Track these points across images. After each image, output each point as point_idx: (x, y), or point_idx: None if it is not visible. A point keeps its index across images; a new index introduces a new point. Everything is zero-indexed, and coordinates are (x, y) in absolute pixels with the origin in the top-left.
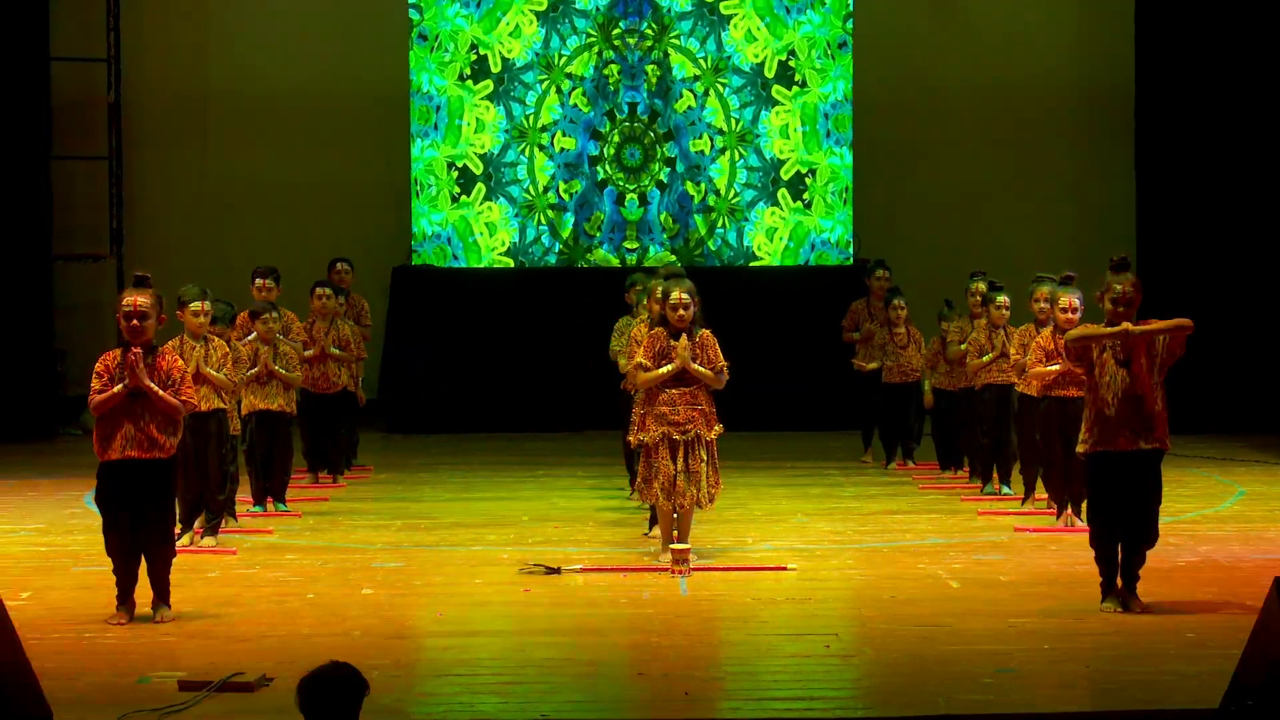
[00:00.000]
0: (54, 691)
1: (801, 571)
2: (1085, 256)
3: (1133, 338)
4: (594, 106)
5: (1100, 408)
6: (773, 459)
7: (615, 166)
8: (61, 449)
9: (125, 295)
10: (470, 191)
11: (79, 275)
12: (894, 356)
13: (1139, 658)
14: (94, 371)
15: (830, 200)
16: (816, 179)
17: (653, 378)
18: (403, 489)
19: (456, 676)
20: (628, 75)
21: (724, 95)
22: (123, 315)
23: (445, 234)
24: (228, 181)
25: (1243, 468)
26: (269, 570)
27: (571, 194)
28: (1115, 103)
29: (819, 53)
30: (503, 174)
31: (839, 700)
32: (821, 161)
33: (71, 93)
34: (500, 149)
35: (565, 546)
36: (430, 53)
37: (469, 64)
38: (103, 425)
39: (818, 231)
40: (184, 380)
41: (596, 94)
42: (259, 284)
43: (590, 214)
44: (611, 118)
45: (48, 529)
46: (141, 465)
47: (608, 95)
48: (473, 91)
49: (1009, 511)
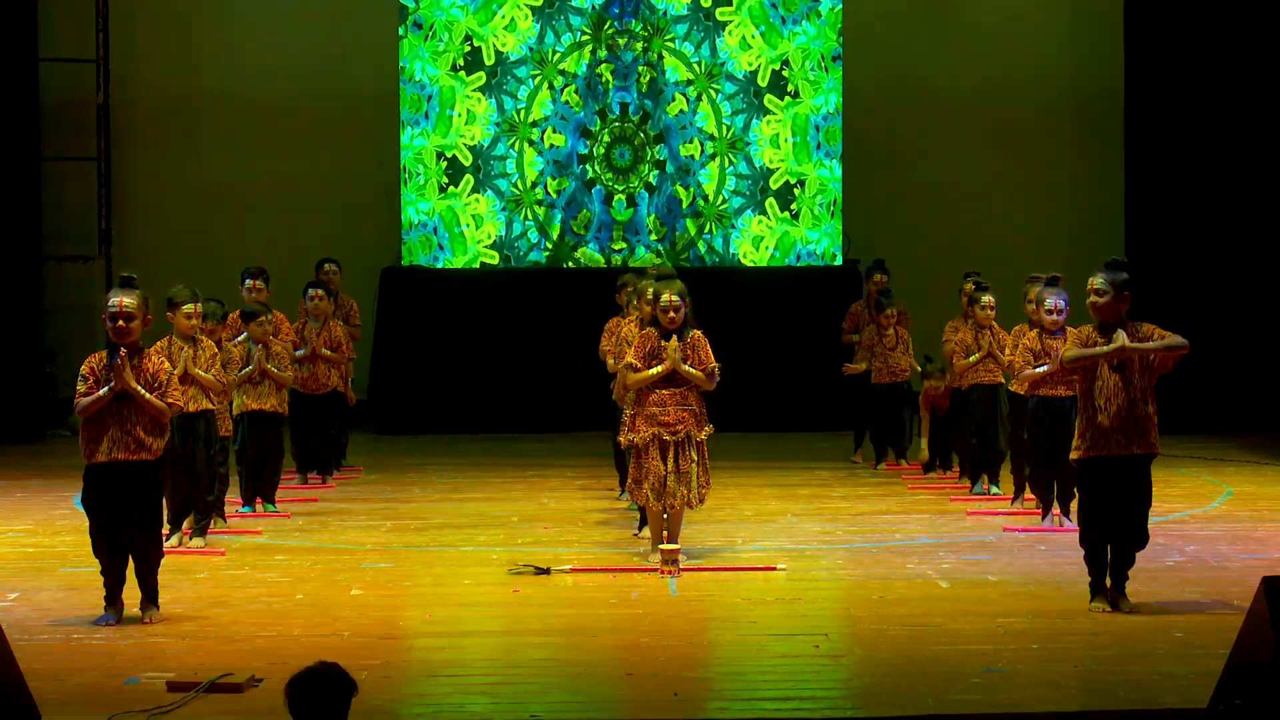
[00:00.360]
0: (42, 692)
1: (791, 572)
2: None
3: (1127, 352)
4: (585, 105)
5: (1093, 413)
6: (762, 459)
7: (604, 166)
8: (50, 450)
9: (111, 296)
10: (458, 182)
11: (68, 276)
12: (883, 357)
13: (1127, 657)
14: (80, 374)
15: (818, 212)
16: (805, 190)
17: (642, 378)
18: (392, 489)
19: (446, 677)
20: (620, 75)
21: (716, 101)
22: (108, 316)
23: (432, 224)
24: (217, 182)
25: (1231, 468)
26: (258, 571)
27: (560, 191)
28: (1105, 106)
29: (812, 64)
30: (491, 167)
31: (828, 700)
32: (811, 173)
33: (61, 93)
34: (490, 141)
35: (555, 547)
36: (424, 41)
37: (462, 55)
38: (89, 428)
39: (804, 242)
40: (170, 382)
41: (588, 92)
42: (249, 285)
43: (578, 212)
44: (602, 117)
45: (36, 530)
46: (128, 467)
47: (599, 95)
48: (465, 83)
49: (998, 511)
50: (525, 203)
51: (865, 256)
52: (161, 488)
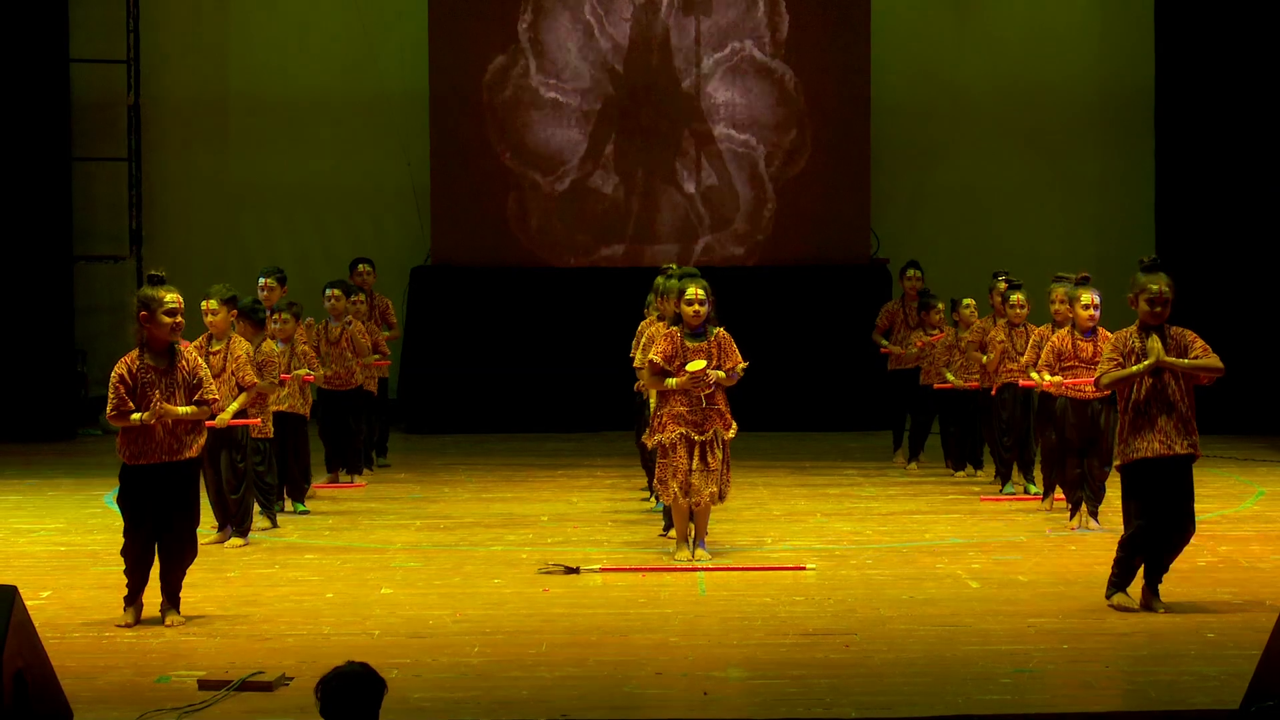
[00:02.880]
0: (74, 690)
1: (820, 571)
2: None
3: (1163, 363)
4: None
5: (1134, 417)
6: (791, 459)
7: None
8: (82, 449)
9: (163, 292)
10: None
11: (99, 276)
12: (930, 359)
13: (1159, 658)
14: (111, 381)
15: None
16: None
17: (658, 385)
18: (422, 489)
19: (476, 676)
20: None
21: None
22: (165, 312)
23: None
24: (247, 182)
25: (1264, 468)
26: (289, 570)
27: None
28: (1136, 105)
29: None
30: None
31: (858, 700)
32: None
33: (92, 94)
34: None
35: (584, 546)
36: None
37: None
38: (129, 431)
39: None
40: (207, 379)
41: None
42: (261, 284)
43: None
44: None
45: (68, 528)
46: (168, 469)
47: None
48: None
49: (994, 497)
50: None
51: (894, 256)
52: (198, 487)
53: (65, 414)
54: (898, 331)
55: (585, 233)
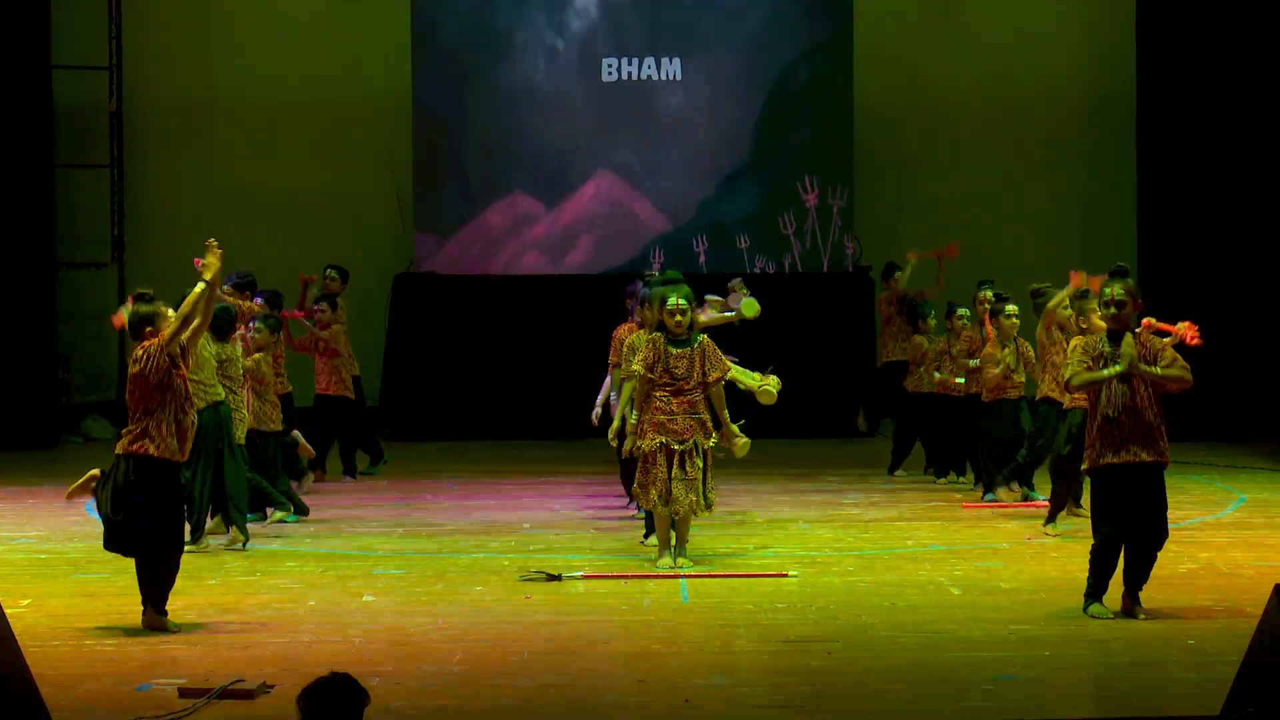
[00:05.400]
0: (54, 699)
1: (802, 578)
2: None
3: (1134, 368)
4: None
5: (1101, 422)
6: (774, 466)
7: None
8: (62, 456)
9: (163, 308)
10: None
11: (82, 282)
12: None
13: (1139, 664)
14: (155, 361)
15: None
16: None
17: (627, 399)
18: (404, 496)
19: (458, 684)
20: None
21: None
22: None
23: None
24: (229, 189)
25: (1245, 474)
26: (270, 577)
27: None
28: (1117, 110)
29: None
30: None
31: (840, 707)
32: None
33: (74, 100)
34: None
35: (566, 554)
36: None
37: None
38: (182, 428)
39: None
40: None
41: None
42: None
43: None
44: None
45: (48, 536)
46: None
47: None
48: None
49: (975, 504)
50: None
51: (876, 262)
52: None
53: (47, 421)
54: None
55: (567, 238)
